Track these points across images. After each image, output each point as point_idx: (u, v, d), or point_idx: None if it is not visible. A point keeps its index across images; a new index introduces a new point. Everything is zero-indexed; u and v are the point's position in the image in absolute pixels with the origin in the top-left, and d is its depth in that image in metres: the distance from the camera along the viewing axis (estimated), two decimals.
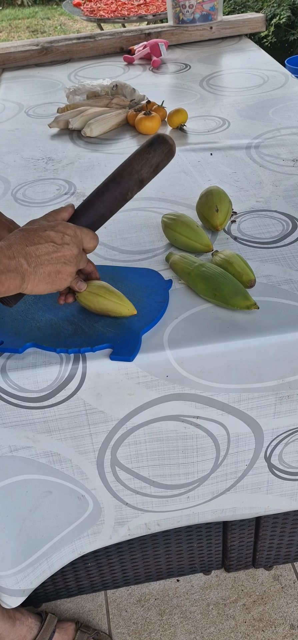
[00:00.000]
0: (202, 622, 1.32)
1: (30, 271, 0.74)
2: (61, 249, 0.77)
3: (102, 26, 3.71)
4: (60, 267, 0.77)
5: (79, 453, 0.99)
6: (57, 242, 0.77)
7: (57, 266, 0.77)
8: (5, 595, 1.07)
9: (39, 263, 0.75)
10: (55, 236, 0.77)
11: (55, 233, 0.77)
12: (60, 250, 0.77)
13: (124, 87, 1.87)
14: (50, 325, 0.96)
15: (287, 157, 1.47)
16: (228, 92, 1.93)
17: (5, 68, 2.35)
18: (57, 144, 1.67)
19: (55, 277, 0.77)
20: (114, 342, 0.92)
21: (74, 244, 0.78)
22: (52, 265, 0.76)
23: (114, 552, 1.28)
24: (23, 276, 0.74)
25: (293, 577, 1.39)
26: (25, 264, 0.74)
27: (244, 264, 1.02)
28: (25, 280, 0.75)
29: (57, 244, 0.77)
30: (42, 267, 0.75)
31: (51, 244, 0.76)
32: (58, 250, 0.76)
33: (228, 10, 3.87)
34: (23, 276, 0.74)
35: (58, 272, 0.77)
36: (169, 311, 0.98)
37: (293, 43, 3.83)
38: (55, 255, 0.76)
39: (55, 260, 0.76)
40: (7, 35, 6.87)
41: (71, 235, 0.78)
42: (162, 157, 0.79)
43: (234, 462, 1.05)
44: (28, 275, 0.74)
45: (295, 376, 0.96)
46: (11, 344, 0.93)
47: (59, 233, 0.77)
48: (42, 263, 0.75)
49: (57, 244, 0.77)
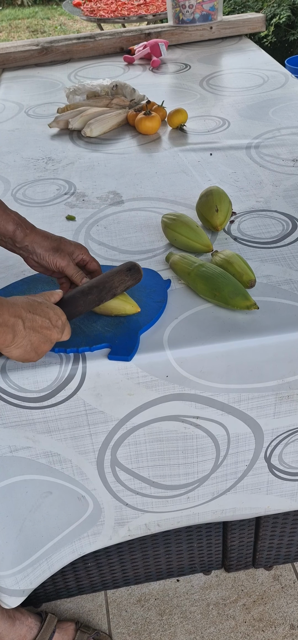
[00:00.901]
0: (202, 622, 1.32)
1: (22, 334, 0.79)
2: (52, 330, 0.83)
3: (102, 26, 3.71)
4: (43, 343, 0.83)
5: (79, 453, 0.99)
6: (53, 321, 0.83)
7: (41, 341, 0.82)
8: (5, 596, 1.07)
9: (32, 330, 0.80)
10: (53, 316, 0.84)
11: (53, 313, 0.84)
12: (51, 330, 0.83)
13: (124, 87, 1.87)
14: None
15: (287, 157, 1.47)
16: (228, 92, 1.92)
17: (5, 68, 2.35)
18: (57, 144, 1.67)
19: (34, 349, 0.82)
20: (112, 342, 0.92)
21: (60, 331, 0.85)
22: (39, 337, 0.81)
23: (114, 552, 1.28)
24: (14, 336, 0.78)
25: (293, 577, 1.39)
26: (21, 325, 0.78)
27: (244, 264, 1.02)
28: (14, 340, 0.79)
29: (52, 324, 0.83)
30: (33, 334, 0.80)
31: (47, 321, 0.82)
32: (49, 328, 0.83)
33: (228, 10, 3.87)
34: (14, 336, 0.78)
35: (38, 347, 0.82)
36: (169, 311, 0.98)
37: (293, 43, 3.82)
38: (46, 331, 0.82)
39: (44, 336, 0.82)
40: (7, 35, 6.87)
41: (63, 322, 0.86)
42: (133, 281, 0.94)
43: (234, 463, 1.05)
44: (18, 337, 0.79)
45: (295, 376, 0.96)
46: None
47: (56, 315, 0.84)
48: (34, 331, 0.80)
49: (52, 324, 0.83)
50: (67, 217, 1.29)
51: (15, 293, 1.05)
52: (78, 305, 0.90)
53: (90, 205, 1.34)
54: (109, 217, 1.28)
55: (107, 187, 1.41)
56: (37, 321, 0.80)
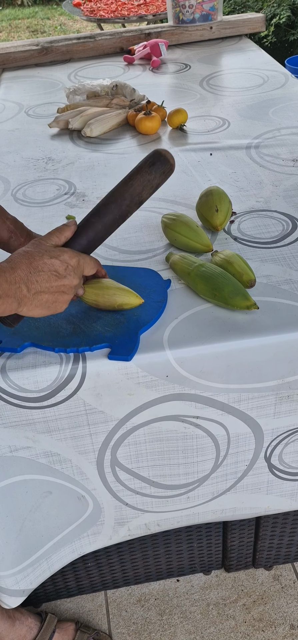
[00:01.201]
0: (202, 622, 1.32)
1: (28, 297, 0.76)
2: (63, 279, 0.78)
3: (102, 26, 3.71)
4: (58, 295, 0.79)
5: (78, 453, 0.99)
6: (60, 272, 0.78)
7: (55, 295, 0.79)
8: (5, 596, 1.07)
9: (39, 291, 0.76)
10: (60, 265, 0.78)
11: (59, 262, 0.78)
12: (61, 280, 0.78)
13: (124, 87, 1.87)
14: (49, 324, 0.96)
15: (287, 157, 1.47)
16: (228, 92, 1.92)
17: (5, 68, 2.35)
18: (57, 144, 1.67)
19: (51, 304, 0.79)
20: (112, 342, 0.92)
21: (75, 274, 0.80)
22: (50, 293, 0.78)
23: (114, 552, 1.28)
24: (20, 301, 0.75)
25: (293, 577, 1.39)
26: (25, 289, 0.75)
27: (244, 264, 1.02)
28: (21, 304, 0.76)
29: (60, 273, 0.78)
30: (41, 294, 0.77)
31: (54, 273, 0.77)
32: (59, 279, 0.78)
33: (228, 10, 3.87)
34: (20, 301, 0.75)
35: (55, 300, 0.79)
36: (169, 311, 0.98)
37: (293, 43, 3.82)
38: (56, 284, 0.78)
39: (55, 289, 0.78)
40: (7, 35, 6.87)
41: (74, 266, 0.80)
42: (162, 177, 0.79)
43: (234, 462, 1.05)
44: (25, 301, 0.76)
45: (295, 376, 0.96)
46: (10, 343, 0.93)
47: (63, 263, 0.79)
48: (42, 291, 0.77)
49: (60, 274, 0.78)
50: (67, 217, 1.29)
51: None
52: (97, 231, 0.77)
53: (90, 205, 1.34)
54: None
55: (107, 187, 1.41)
56: (42, 279, 0.76)
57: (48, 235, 0.83)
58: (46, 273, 0.77)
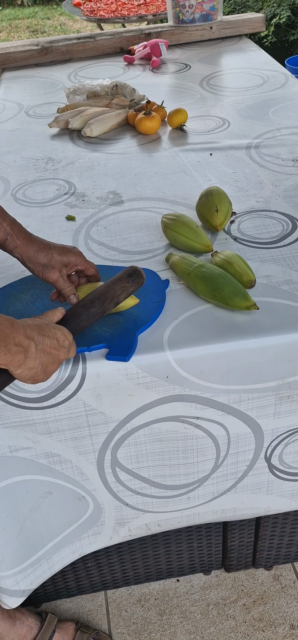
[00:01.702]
0: (202, 622, 1.32)
1: (34, 356, 0.80)
2: (60, 350, 0.84)
3: (102, 26, 3.71)
4: (51, 364, 0.83)
5: (79, 454, 0.99)
6: (60, 342, 0.84)
7: (50, 362, 0.83)
8: (5, 596, 1.07)
9: (43, 351, 0.81)
10: (60, 336, 0.84)
11: (61, 334, 0.84)
12: (59, 350, 0.83)
13: (123, 87, 1.87)
14: None
15: (287, 157, 1.47)
16: (228, 92, 1.92)
17: (5, 68, 2.35)
18: (57, 144, 1.67)
19: (43, 370, 0.82)
20: (110, 342, 0.92)
21: (67, 351, 0.85)
22: (48, 358, 0.82)
23: (114, 552, 1.28)
24: (26, 357, 0.79)
25: (293, 577, 1.39)
26: (33, 347, 0.79)
27: (244, 265, 1.02)
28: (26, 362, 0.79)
29: (59, 343, 0.84)
30: (43, 355, 0.81)
31: (55, 341, 0.83)
32: (58, 349, 0.83)
33: (228, 10, 3.87)
34: (26, 357, 0.79)
35: (46, 367, 0.83)
36: (169, 312, 0.98)
37: (293, 43, 3.82)
38: (54, 352, 0.83)
39: (52, 355, 0.83)
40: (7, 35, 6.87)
41: (70, 342, 0.86)
42: (135, 286, 0.94)
43: (234, 463, 1.05)
44: (30, 358, 0.79)
45: (295, 376, 0.96)
46: None
47: (63, 336, 0.85)
48: (44, 352, 0.81)
49: (59, 344, 0.84)
50: (67, 217, 1.29)
51: (13, 292, 1.05)
52: (81, 320, 0.90)
53: (90, 205, 1.34)
54: (109, 217, 1.28)
55: (107, 187, 1.41)
56: (46, 343, 0.81)
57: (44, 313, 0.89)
58: (50, 339, 0.82)
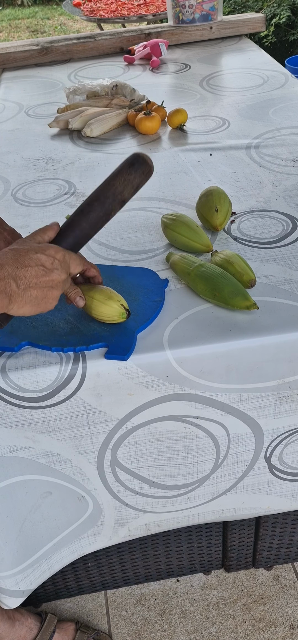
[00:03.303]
0: (202, 622, 1.32)
1: (18, 293, 0.75)
2: (50, 274, 0.78)
3: (102, 26, 3.71)
4: (47, 291, 0.78)
5: (78, 453, 0.99)
6: (47, 266, 0.78)
7: (44, 290, 0.78)
8: (5, 596, 1.07)
9: (28, 286, 0.76)
10: (46, 260, 0.78)
11: (45, 257, 0.78)
12: (49, 274, 0.78)
13: (123, 87, 1.87)
14: (46, 324, 0.96)
15: (287, 157, 1.47)
16: (228, 92, 1.92)
17: (5, 68, 2.35)
18: (57, 144, 1.67)
19: (41, 300, 0.78)
20: (109, 341, 0.92)
21: (62, 269, 0.79)
22: (39, 289, 0.77)
23: (113, 552, 1.28)
24: (10, 297, 0.74)
25: (293, 577, 1.39)
26: (14, 285, 0.74)
27: (244, 264, 1.02)
28: (12, 301, 0.75)
29: (47, 268, 0.78)
30: (30, 290, 0.76)
31: (41, 268, 0.77)
32: (47, 274, 0.77)
33: (228, 10, 3.87)
34: (10, 297, 0.74)
35: (44, 296, 0.78)
36: (169, 311, 0.98)
37: (293, 43, 3.82)
38: (44, 279, 0.77)
39: (44, 284, 0.77)
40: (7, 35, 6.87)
41: (60, 260, 0.79)
42: (142, 177, 0.82)
43: (234, 463, 1.05)
44: (15, 297, 0.75)
45: (295, 376, 0.96)
46: (7, 342, 0.93)
47: (50, 257, 0.78)
48: (31, 286, 0.76)
49: (47, 268, 0.77)
50: (67, 217, 1.29)
51: None
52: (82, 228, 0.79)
53: None
54: None
55: None
56: (29, 274, 0.75)
57: (31, 234, 0.82)
58: (33, 268, 0.76)
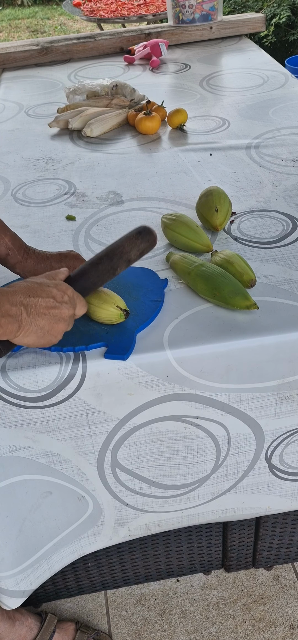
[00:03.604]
0: (202, 622, 1.32)
1: (27, 321, 0.76)
2: (59, 307, 0.80)
3: (102, 26, 3.71)
4: (54, 323, 0.80)
5: (79, 454, 0.99)
6: (57, 299, 0.80)
7: (51, 322, 0.79)
8: (5, 597, 1.07)
9: (37, 314, 0.77)
10: (57, 293, 0.80)
11: (56, 290, 0.80)
12: (58, 307, 0.80)
13: (123, 87, 1.87)
14: None
15: (287, 157, 1.47)
16: (228, 92, 1.92)
17: (5, 68, 2.35)
18: (57, 144, 1.67)
19: (46, 332, 0.80)
20: (108, 341, 0.92)
21: (71, 305, 0.82)
22: (47, 319, 0.79)
23: (114, 552, 1.28)
24: (20, 324, 0.76)
25: (293, 577, 1.39)
26: (24, 313, 0.76)
27: (244, 264, 1.02)
28: (20, 328, 0.76)
29: (57, 300, 0.80)
30: (39, 319, 0.78)
31: (51, 300, 0.79)
32: (56, 307, 0.79)
33: (228, 10, 3.87)
34: (20, 324, 0.76)
35: (51, 328, 0.80)
36: (169, 311, 0.98)
37: (293, 43, 3.82)
38: (53, 311, 0.79)
39: (52, 315, 0.79)
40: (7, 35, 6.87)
41: (70, 296, 0.82)
42: (147, 245, 0.89)
43: (235, 463, 1.05)
44: (24, 325, 0.76)
45: (295, 376, 0.96)
46: None
47: (60, 292, 0.80)
48: (39, 315, 0.78)
49: (57, 301, 0.80)
50: (67, 217, 1.29)
51: None
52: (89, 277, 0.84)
53: (90, 205, 1.34)
54: (109, 217, 1.28)
55: (107, 187, 1.41)
56: (40, 304, 0.77)
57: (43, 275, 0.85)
58: (44, 299, 0.78)
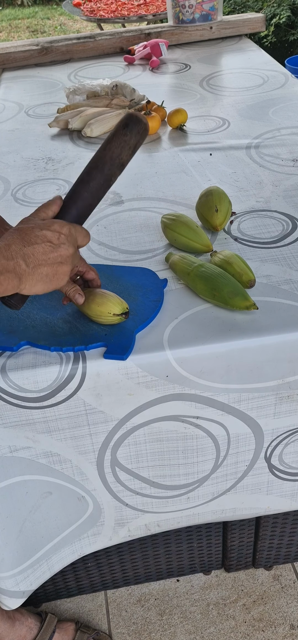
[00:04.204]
0: (202, 622, 1.32)
1: (28, 272, 0.75)
2: (58, 249, 0.77)
3: (102, 26, 3.71)
4: (57, 267, 0.78)
5: (78, 453, 0.99)
6: (54, 242, 0.77)
7: (54, 266, 0.77)
8: (5, 597, 1.07)
9: (37, 264, 0.75)
10: (52, 236, 0.77)
11: (51, 233, 0.77)
12: (57, 250, 0.77)
13: (123, 87, 1.87)
14: (45, 323, 0.96)
15: (287, 157, 1.47)
16: (228, 92, 1.92)
17: (5, 68, 2.35)
18: (57, 144, 1.67)
19: (52, 277, 0.78)
20: (107, 341, 0.92)
21: (69, 243, 0.79)
22: (49, 265, 0.77)
23: (113, 552, 1.28)
24: (21, 277, 0.74)
25: (293, 577, 1.39)
26: (23, 264, 0.74)
27: (244, 264, 1.02)
28: (22, 281, 0.75)
29: (54, 243, 0.77)
30: (40, 267, 0.76)
31: (48, 244, 0.76)
32: (55, 250, 0.77)
33: (228, 10, 3.87)
34: (21, 277, 0.74)
35: (55, 272, 0.78)
36: (169, 311, 0.98)
37: (293, 43, 3.82)
38: (53, 255, 0.77)
39: (53, 260, 0.77)
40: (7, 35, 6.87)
41: (66, 234, 0.79)
42: (138, 137, 0.80)
43: (234, 463, 1.05)
44: (26, 276, 0.75)
45: (295, 376, 0.96)
46: (6, 342, 0.93)
47: (55, 232, 0.78)
48: (40, 263, 0.76)
49: (54, 244, 0.77)
50: None
51: None
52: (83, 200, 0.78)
53: None
54: (109, 217, 1.28)
55: None
56: (37, 252, 0.75)
57: (35, 212, 0.82)
58: (40, 245, 0.75)
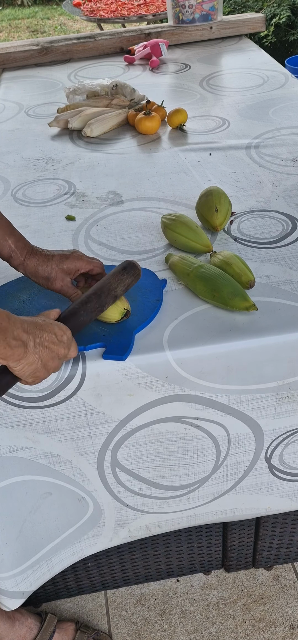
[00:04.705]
0: (202, 622, 1.32)
1: (32, 350, 0.79)
2: (59, 345, 0.83)
3: (102, 26, 3.71)
4: (51, 359, 0.82)
5: (79, 454, 0.99)
6: (58, 336, 0.83)
7: (49, 357, 0.82)
8: (5, 598, 1.07)
9: (41, 345, 0.80)
10: (58, 332, 0.83)
11: (57, 328, 0.84)
12: (58, 345, 0.83)
13: (123, 87, 1.87)
14: None
15: (287, 157, 1.47)
16: (228, 92, 1.92)
17: (5, 68, 2.35)
18: (57, 144, 1.67)
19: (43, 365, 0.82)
20: (107, 342, 0.92)
21: (66, 346, 0.85)
22: (47, 353, 0.81)
23: (114, 553, 1.28)
24: (26, 351, 0.79)
25: (293, 577, 1.39)
26: (32, 341, 0.79)
27: (243, 265, 1.02)
28: (25, 355, 0.79)
29: (58, 338, 0.83)
30: (41, 350, 0.80)
31: (53, 336, 0.82)
32: (56, 344, 0.83)
33: (228, 10, 3.87)
34: (26, 351, 0.79)
35: (47, 363, 0.82)
36: (169, 312, 0.98)
37: (293, 43, 3.82)
38: (53, 347, 0.82)
39: (52, 351, 0.82)
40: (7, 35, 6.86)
41: (68, 337, 0.85)
42: (132, 278, 0.94)
43: (234, 463, 1.05)
44: (28, 352, 0.79)
45: (295, 377, 0.96)
46: None
47: (60, 330, 0.84)
48: (43, 347, 0.81)
49: (58, 339, 0.83)
50: (67, 217, 1.29)
51: (10, 292, 1.05)
52: (79, 316, 0.89)
53: (90, 205, 1.34)
54: (109, 217, 1.28)
55: (107, 187, 1.41)
56: (44, 337, 0.81)
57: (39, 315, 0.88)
58: (48, 334, 0.82)
